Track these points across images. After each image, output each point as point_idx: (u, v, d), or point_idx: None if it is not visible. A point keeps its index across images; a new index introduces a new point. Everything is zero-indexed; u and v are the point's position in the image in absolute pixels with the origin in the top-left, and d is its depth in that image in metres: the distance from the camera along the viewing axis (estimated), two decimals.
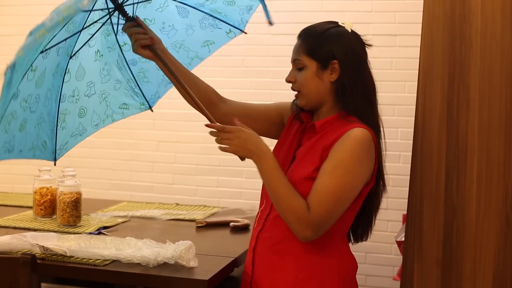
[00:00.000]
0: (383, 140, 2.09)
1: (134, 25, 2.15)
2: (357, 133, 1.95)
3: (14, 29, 4.07)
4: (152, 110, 2.50)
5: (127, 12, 2.17)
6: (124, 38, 2.32)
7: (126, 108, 2.44)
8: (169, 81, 2.34)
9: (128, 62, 2.39)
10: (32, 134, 2.16)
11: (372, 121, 2.04)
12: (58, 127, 2.27)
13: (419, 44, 2.23)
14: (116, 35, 2.32)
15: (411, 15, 3.42)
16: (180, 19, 2.40)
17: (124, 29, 2.17)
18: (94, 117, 2.37)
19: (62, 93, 2.25)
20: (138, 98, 2.46)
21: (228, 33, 2.47)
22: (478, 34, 2.13)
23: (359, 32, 2.08)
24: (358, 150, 1.94)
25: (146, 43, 2.14)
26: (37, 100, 2.12)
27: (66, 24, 2.05)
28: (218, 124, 2.01)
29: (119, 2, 2.16)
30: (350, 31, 2.05)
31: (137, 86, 2.44)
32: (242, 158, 2.02)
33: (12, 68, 1.81)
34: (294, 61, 2.07)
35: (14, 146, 2.08)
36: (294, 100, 2.19)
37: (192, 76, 2.26)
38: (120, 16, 2.20)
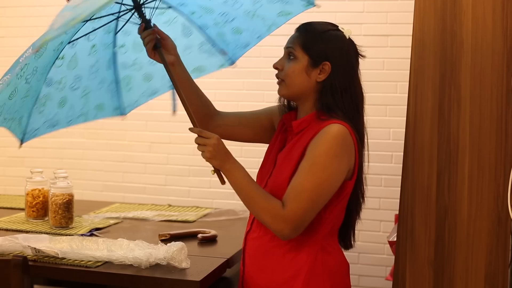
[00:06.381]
0: (366, 152, 2.09)
1: (150, 33, 2.13)
2: (332, 128, 1.95)
3: (7, 31, 4.06)
4: (122, 119, 2.49)
5: (145, 14, 2.15)
6: (124, 39, 2.32)
7: (100, 110, 2.42)
8: (152, 93, 2.40)
9: (118, 65, 2.38)
10: (16, 105, 2.11)
11: (357, 127, 2.03)
12: (34, 109, 2.22)
13: (410, 45, 2.23)
14: (116, 34, 2.31)
15: (402, 16, 3.42)
16: None
17: (140, 33, 2.15)
18: (70, 113, 2.34)
19: (49, 76, 2.21)
20: (115, 101, 2.44)
21: (306, 5, 2.41)
22: (469, 34, 2.14)
23: (353, 33, 2.08)
24: (333, 145, 1.94)
25: (160, 43, 2.12)
26: (34, 72, 2.08)
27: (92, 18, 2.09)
28: (197, 128, 2.04)
29: (139, 2, 2.15)
30: (347, 38, 2.06)
31: (116, 90, 2.42)
32: (222, 182, 2.08)
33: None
34: (287, 48, 2.07)
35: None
36: (279, 100, 2.20)
37: (197, 88, 2.27)
38: (136, 16, 2.17)
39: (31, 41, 1.96)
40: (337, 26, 2.08)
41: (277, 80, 2.10)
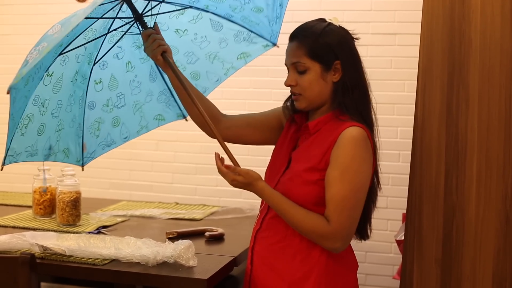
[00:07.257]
0: (377, 138, 2.08)
1: (155, 32, 2.13)
2: (353, 132, 1.95)
3: (13, 28, 4.06)
4: (186, 120, 2.50)
5: (147, 23, 2.15)
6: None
7: (161, 119, 2.44)
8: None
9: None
10: (52, 138, 2.17)
11: (369, 119, 2.04)
12: (91, 134, 2.31)
13: (418, 43, 2.22)
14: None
15: (410, 14, 3.41)
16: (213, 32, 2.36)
17: (145, 34, 2.12)
18: (123, 129, 2.37)
19: (91, 100, 2.25)
20: (172, 109, 2.47)
21: (265, 46, 2.45)
22: (478, 33, 2.13)
23: (359, 31, 2.07)
24: (358, 149, 1.94)
25: (166, 49, 2.11)
26: (59, 105, 2.12)
27: (83, 31, 2.08)
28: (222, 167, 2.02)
29: (139, 13, 2.14)
30: (338, 26, 2.04)
31: (172, 97, 2.44)
32: None
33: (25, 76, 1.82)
34: (294, 64, 2.02)
35: (37, 150, 2.12)
36: (285, 103, 2.18)
37: (198, 91, 2.25)
38: (139, 26, 2.17)
39: (37, 39, 1.96)
40: (325, 19, 2.05)
41: (293, 95, 2.07)
